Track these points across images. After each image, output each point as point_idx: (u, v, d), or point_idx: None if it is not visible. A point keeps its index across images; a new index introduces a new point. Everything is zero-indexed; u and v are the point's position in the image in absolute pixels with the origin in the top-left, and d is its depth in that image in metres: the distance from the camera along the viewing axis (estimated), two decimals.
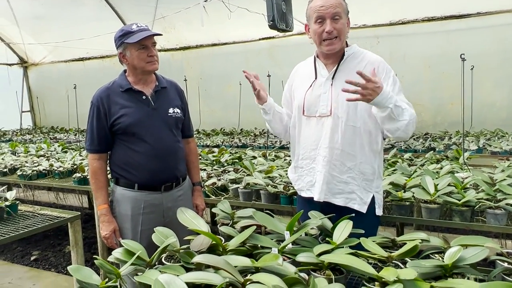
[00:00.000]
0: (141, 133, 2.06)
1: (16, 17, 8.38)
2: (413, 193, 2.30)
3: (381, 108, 1.69)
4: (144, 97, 2.10)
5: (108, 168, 2.21)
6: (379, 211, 1.94)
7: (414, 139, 5.09)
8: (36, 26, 8.64)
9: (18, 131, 9.29)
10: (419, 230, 1.82)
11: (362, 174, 1.88)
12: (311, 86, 1.94)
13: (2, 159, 4.67)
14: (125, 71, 2.16)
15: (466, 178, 2.54)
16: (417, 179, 2.50)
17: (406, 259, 1.34)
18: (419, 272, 1.21)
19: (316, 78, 1.94)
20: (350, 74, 1.81)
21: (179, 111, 2.19)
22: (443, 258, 1.30)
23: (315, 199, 1.90)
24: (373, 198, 1.91)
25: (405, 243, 1.39)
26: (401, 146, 4.59)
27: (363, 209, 1.88)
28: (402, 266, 1.28)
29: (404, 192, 2.35)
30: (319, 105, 1.89)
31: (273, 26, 4.95)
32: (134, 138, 2.07)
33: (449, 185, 2.33)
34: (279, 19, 4.93)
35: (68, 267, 1.20)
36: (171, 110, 2.15)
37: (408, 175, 2.74)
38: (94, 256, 1.24)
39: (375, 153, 1.90)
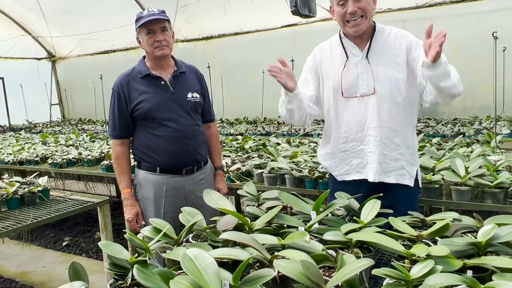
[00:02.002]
0: (161, 117, 2.09)
1: (43, 11, 8.59)
2: (443, 175, 2.24)
3: (440, 64, 1.59)
4: (162, 82, 2.13)
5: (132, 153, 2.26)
6: (420, 182, 1.99)
7: (442, 124, 4.95)
8: (62, 20, 8.83)
9: (48, 123, 9.57)
10: None
11: (407, 149, 1.89)
12: (345, 66, 1.88)
13: (34, 149, 4.82)
14: (144, 57, 2.19)
15: (498, 160, 2.45)
16: (446, 161, 2.43)
17: (437, 238, 1.31)
18: (451, 250, 1.18)
19: (347, 58, 1.88)
20: (383, 50, 1.83)
21: (198, 95, 2.21)
22: (476, 237, 1.26)
23: (370, 180, 1.88)
24: (417, 171, 1.94)
25: (436, 223, 1.35)
26: (429, 132, 4.48)
27: (412, 183, 1.90)
28: (432, 245, 1.24)
29: (433, 175, 2.30)
30: (359, 85, 1.85)
31: (296, 12, 4.90)
32: (154, 123, 2.11)
33: (480, 167, 2.26)
34: (302, 5, 4.86)
35: (99, 243, 1.23)
36: (189, 95, 2.17)
37: (436, 158, 2.67)
38: (124, 231, 1.26)
39: (414, 127, 1.93)
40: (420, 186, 2.01)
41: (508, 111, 5.32)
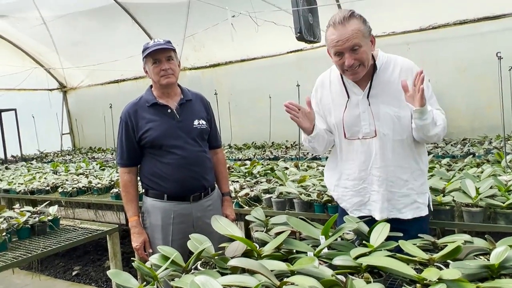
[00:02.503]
0: (168, 145, 2.12)
1: (55, 44, 8.86)
2: (453, 197, 2.22)
3: (425, 114, 1.65)
4: (169, 110, 2.16)
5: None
6: (431, 206, 1.94)
7: (451, 145, 4.91)
8: (74, 51, 9.09)
9: (58, 152, 9.69)
10: None
11: (416, 181, 1.84)
12: (346, 107, 1.85)
13: (45, 178, 4.87)
14: (151, 86, 2.25)
15: (509, 180, 2.42)
16: (456, 183, 2.41)
17: (449, 261, 1.28)
18: (464, 273, 1.15)
19: (349, 97, 1.85)
20: (386, 87, 1.79)
21: (204, 122, 2.24)
22: (488, 259, 1.24)
23: (377, 218, 1.80)
24: (428, 197, 1.90)
25: (447, 246, 1.33)
26: (438, 153, 4.44)
27: (426, 211, 1.86)
28: (444, 268, 1.22)
29: (443, 196, 2.27)
30: (361, 125, 1.83)
31: (300, 38, 4.99)
32: (161, 150, 2.14)
33: (491, 187, 2.23)
34: (306, 31, 4.95)
35: (108, 272, 1.23)
36: (196, 122, 2.21)
37: (446, 179, 2.64)
38: (133, 259, 1.26)
39: (421, 154, 1.87)
40: (432, 209, 1.96)
41: None
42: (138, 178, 2.29)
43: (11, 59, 9.22)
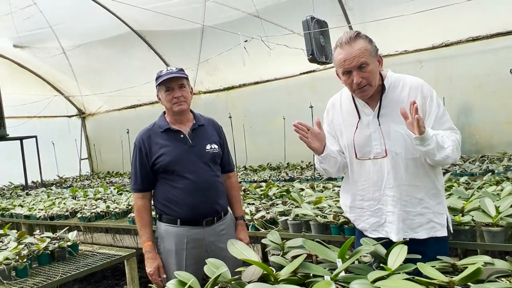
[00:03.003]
0: (180, 170, 2.14)
1: (74, 72, 9.15)
2: (472, 216, 2.18)
3: (426, 141, 1.64)
4: (181, 135, 2.20)
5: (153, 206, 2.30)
6: (451, 227, 1.90)
7: (470, 162, 4.83)
8: (92, 79, 9.37)
9: (77, 177, 9.86)
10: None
11: (432, 200, 1.81)
12: (357, 127, 1.87)
13: (64, 203, 4.96)
14: (164, 112, 2.29)
15: None
16: (475, 202, 2.37)
17: (469, 283, 1.26)
18: None
19: (360, 118, 1.87)
20: (396, 106, 1.78)
21: (216, 146, 2.26)
22: (511, 282, 1.21)
23: (394, 240, 1.78)
24: (446, 218, 1.85)
25: (467, 267, 1.31)
26: (456, 171, 4.38)
27: (445, 233, 1.82)
28: None
29: (463, 216, 2.23)
30: (372, 145, 1.83)
31: (312, 60, 5.06)
32: (174, 175, 2.16)
33: (511, 206, 2.19)
34: (318, 53, 5.02)
35: None
36: (208, 147, 2.23)
37: (465, 198, 2.60)
38: (149, 285, 1.27)
39: (437, 174, 1.85)
40: (451, 230, 1.91)
41: None
42: (152, 203, 2.31)
43: (33, 87, 9.56)
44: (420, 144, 1.65)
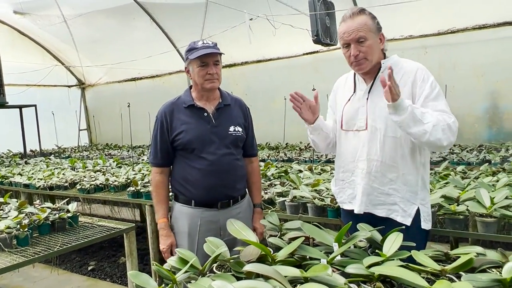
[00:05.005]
0: (200, 150, 2.08)
1: (75, 42, 9.03)
2: (467, 206, 2.22)
3: (399, 110, 1.64)
4: (205, 114, 2.12)
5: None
6: (425, 225, 1.87)
7: (467, 151, 4.87)
8: (93, 49, 9.25)
9: (76, 148, 9.88)
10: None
11: (405, 186, 1.84)
12: (349, 100, 1.96)
13: (63, 174, 4.99)
14: (190, 86, 2.21)
15: None
16: (471, 192, 2.40)
17: (461, 273, 1.30)
18: (475, 286, 1.17)
19: (355, 92, 1.96)
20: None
21: (240, 129, 2.18)
22: (500, 273, 1.25)
23: (355, 211, 1.90)
24: (418, 210, 1.85)
25: (459, 257, 1.35)
26: (453, 159, 4.41)
27: (407, 222, 1.83)
28: (456, 280, 1.24)
29: (458, 205, 2.27)
30: (357, 119, 1.90)
31: (317, 41, 5.01)
32: (192, 155, 2.10)
33: (506, 198, 2.22)
34: (323, 34, 4.97)
35: (128, 273, 1.28)
36: (231, 128, 2.15)
37: (461, 188, 2.64)
38: (152, 262, 1.31)
39: (418, 164, 1.85)
40: (425, 228, 1.87)
41: None
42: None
43: (33, 55, 9.45)
44: (393, 113, 1.66)
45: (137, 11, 7.78)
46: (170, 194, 2.28)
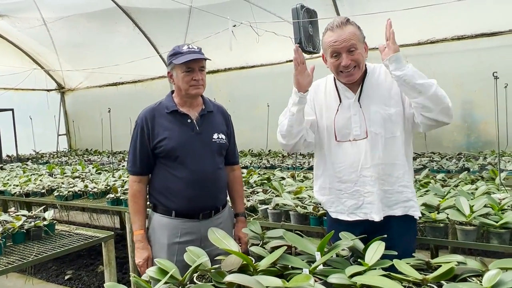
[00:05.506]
0: (183, 157, 1.99)
1: (55, 45, 8.86)
2: (447, 214, 2.24)
3: (401, 62, 1.70)
4: (189, 120, 2.05)
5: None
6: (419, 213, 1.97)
7: (447, 159, 4.95)
8: (73, 53, 9.09)
9: (54, 153, 9.66)
10: (455, 253, 1.76)
11: (410, 178, 1.90)
12: (338, 110, 1.91)
13: (40, 180, 4.86)
14: (172, 91, 2.13)
15: (503, 199, 2.45)
16: (451, 200, 2.44)
17: (442, 282, 1.30)
18: None
19: (341, 101, 1.92)
20: (375, 89, 1.88)
21: (224, 137, 2.12)
22: (481, 282, 1.26)
23: (376, 219, 1.84)
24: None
25: (440, 266, 1.35)
26: (433, 167, 4.48)
27: (418, 213, 1.91)
28: None
29: (438, 213, 2.29)
30: (351, 127, 1.87)
31: (300, 48, 5.02)
32: (175, 163, 2.01)
33: (485, 206, 2.26)
34: (306, 42, 4.99)
35: (105, 284, 1.24)
36: (215, 136, 2.09)
37: (441, 196, 2.67)
38: (130, 274, 1.27)
39: (410, 160, 1.92)
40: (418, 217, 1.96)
41: None
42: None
43: (10, 58, 9.22)
44: (396, 69, 1.70)
45: (120, 16, 7.69)
46: (148, 203, 2.17)
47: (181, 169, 2.00)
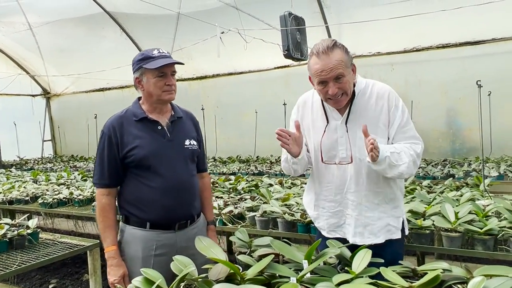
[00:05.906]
0: (156, 166, 1.91)
1: (41, 50, 8.75)
2: (433, 221, 2.27)
3: (381, 162, 1.69)
4: (159, 127, 1.96)
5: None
6: (407, 230, 1.96)
7: (432, 165, 5.02)
8: (59, 58, 8.99)
9: (39, 159, 9.51)
10: (441, 260, 1.78)
11: (387, 204, 1.86)
12: (325, 131, 1.88)
13: (24, 187, 4.78)
14: (139, 98, 2.03)
15: (487, 205, 2.48)
16: (436, 206, 2.46)
17: None
18: None
19: (328, 122, 1.88)
20: (364, 113, 1.83)
21: (195, 143, 2.06)
22: None
23: (350, 241, 1.84)
24: (402, 221, 1.91)
25: (426, 273, 1.36)
26: (419, 173, 4.53)
27: (399, 235, 1.87)
28: None
29: (424, 220, 2.32)
30: (338, 149, 1.86)
31: (288, 56, 5.06)
32: (148, 172, 1.91)
33: (470, 212, 2.29)
34: (294, 49, 5.03)
35: None
36: (187, 142, 2.02)
37: (427, 202, 2.70)
38: (117, 285, 1.25)
39: (396, 180, 1.88)
40: (406, 233, 1.97)
41: (496, 152, 5.42)
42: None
43: None
44: (373, 165, 1.72)
45: (107, 21, 7.64)
46: (118, 216, 2.04)
47: (155, 178, 1.91)
